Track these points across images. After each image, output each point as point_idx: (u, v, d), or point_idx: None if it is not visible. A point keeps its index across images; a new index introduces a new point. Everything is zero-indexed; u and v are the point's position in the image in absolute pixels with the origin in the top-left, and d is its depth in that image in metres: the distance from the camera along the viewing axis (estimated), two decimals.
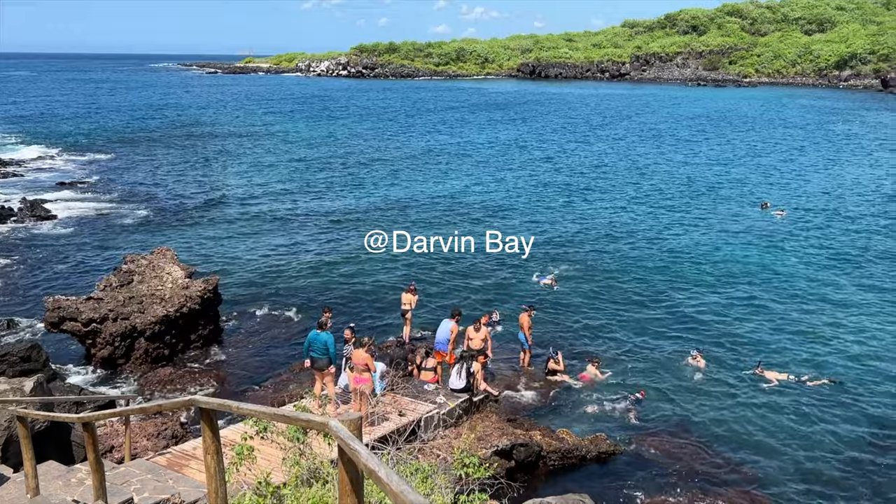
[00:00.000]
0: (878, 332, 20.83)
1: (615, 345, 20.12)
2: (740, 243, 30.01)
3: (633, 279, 25.48)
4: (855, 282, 25.28)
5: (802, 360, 19.09)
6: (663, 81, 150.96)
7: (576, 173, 46.05)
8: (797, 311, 22.46)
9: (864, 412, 16.37)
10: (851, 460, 14.51)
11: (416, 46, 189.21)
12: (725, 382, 17.85)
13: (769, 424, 15.92)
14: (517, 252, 28.26)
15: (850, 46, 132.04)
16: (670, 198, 38.93)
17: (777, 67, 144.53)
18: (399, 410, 14.09)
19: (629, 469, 14.38)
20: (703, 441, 15.28)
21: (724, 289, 24.57)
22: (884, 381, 17.86)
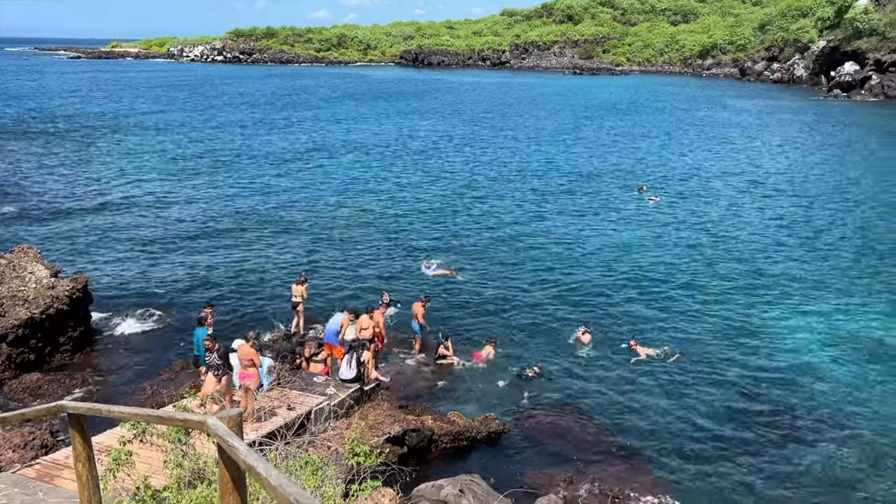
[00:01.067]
0: (740, 311, 22.42)
1: (510, 326, 20.65)
2: (619, 227, 31.35)
3: (522, 264, 26.10)
4: (721, 261, 27.07)
5: (672, 335, 20.27)
6: (542, 69, 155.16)
7: (464, 164, 46.43)
8: (670, 290, 23.79)
9: (722, 383, 17.62)
10: (715, 427, 15.59)
11: (296, 32, 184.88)
12: (607, 357, 18.71)
13: (644, 396, 16.82)
14: (410, 243, 28.29)
15: (711, 37, 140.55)
16: (554, 185, 40.05)
17: (647, 56, 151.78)
18: (288, 404, 13.84)
19: (518, 446, 14.82)
20: (587, 414, 15.95)
21: (607, 269, 25.65)
22: (743, 356, 19.28)
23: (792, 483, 13.54)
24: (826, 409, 16.23)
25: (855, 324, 20.84)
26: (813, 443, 14.88)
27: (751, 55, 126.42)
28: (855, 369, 18.11)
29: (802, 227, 31.36)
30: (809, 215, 33.25)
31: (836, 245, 28.65)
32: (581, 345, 19.30)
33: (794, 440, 14.97)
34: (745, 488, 13.36)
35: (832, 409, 16.23)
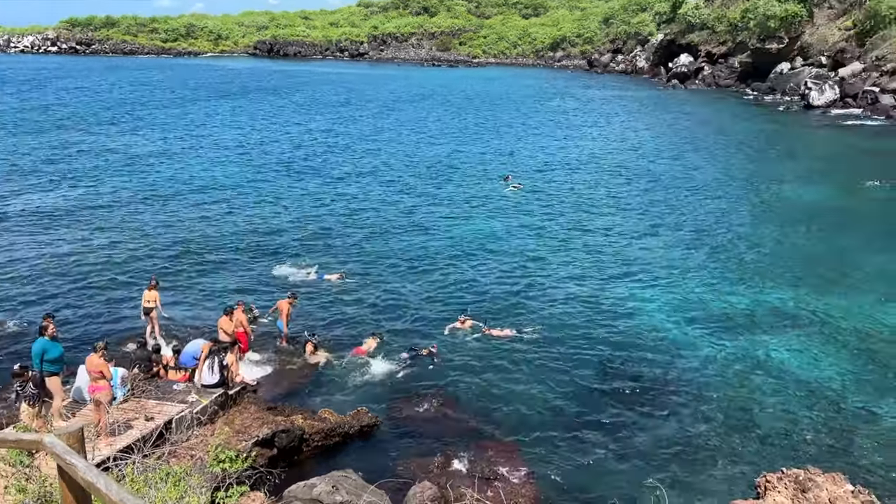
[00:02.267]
0: (598, 291, 23.61)
1: (391, 320, 20.59)
2: (488, 216, 31.95)
3: (398, 259, 25.96)
4: (580, 244, 28.37)
5: (537, 317, 21.04)
6: (401, 61, 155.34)
7: (330, 162, 45.30)
8: (528, 274, 24.67)
9: (583, 361, 18.54)
10: (578, 403, 16.37)
11: (139, 21, 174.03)
12: (481, 344, 19.09)
13: (513, 379, 17.36)
14: (284, 247, 27.26)
15: (560, 30, 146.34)
16: (422, 178, 39.94)
17: (501, 48, 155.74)
18: (145, 415, 13.09)
19: (392, 437, 14.86)
20: (460, 400, 16.25)
21: (481, 258, 26.13)
22: (601, 334, 20.36)
23: (649, 450, 14.46)
24: (677, 378, 17.44)
25: (699, 297, 22.52)
26: (667, 409, 15.95)
27: (597, 48, 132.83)
28: (700, 339, 19.58)
29: (652, 208, 33.45)
30: (658, 197, 35.51)
31: (680, 225, 30.80)
32: (461, 332, 19.60)
33: (650, 408, 15.99)
34: (608, 457, 14.12)
35: (682, 377, 17.46)
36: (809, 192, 36.43)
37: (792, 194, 36.07)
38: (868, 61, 69.90)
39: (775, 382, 17.17)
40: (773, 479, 9.49)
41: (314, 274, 23.98)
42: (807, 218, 31.52)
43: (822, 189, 36.96)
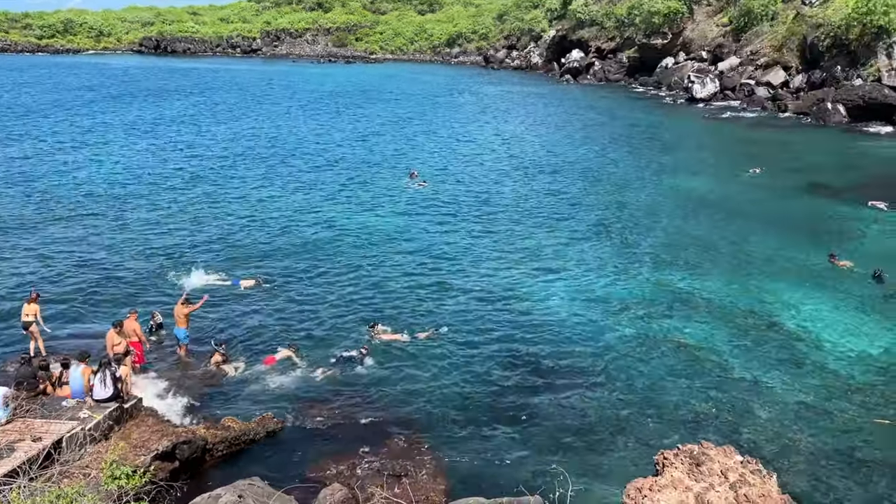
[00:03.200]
0: (502, 282, 24.00)
1: (302, 326, 20.13)
2: (394, 214, 31.81)
3: (309, 262, 25.33)
4: (484, 237, 28.74)
5: (446, 313, 21.19)
6: (296, 57, 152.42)
7: (230, 164, 43.43)
8: (444, 273, 24.80)
9: (487, 352, 18.84)
10: (482, 393, 16.63)
11: (10, 17, 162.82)
12: (388, 344, 18.98)
13: (419, 375, 17.43)
14: (191, 256, 26.01)
15: (456, 26, 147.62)
16: (329, 178, 39.13)
17: (399, 45, 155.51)
18: (32, 435, 12.29)
19: (299, 441, 14.60)
20: (367, 400, 16.15)
21: (392, 257, 25.98)
22: (504, 323, 20.72)
23: (554, 436, 14.85)
24: (579, 364, 17.99)
25: (599, 286, 23.29)
26: (570, 395, 16.42)
27: (492, 44, 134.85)
28: (600, 325, 20.27)
29: (552, 201, 34.29)
30: (557, 190, 36.44)
31: (579, 216, 31.73)
32: (375, 337, 19.41)
33: (554, 395, 16.41)
34: (514, 446, 14.40)
35: (584, 363, 18.03)
36: (697, 181, 38.34)
37: (681, 184, 37.84)
38: (744, 56, 74.19)
39: (671, 363, 17.99)
40: (669, 456, 9.94)
41: (228, 280, 23.21)
42: (695, 206, 33.16)
43: (708, 178, 38.97)
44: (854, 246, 26.86)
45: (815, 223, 29.95)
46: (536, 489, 11.88)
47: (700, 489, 9.25)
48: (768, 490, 9.42)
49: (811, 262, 24.92)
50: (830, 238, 27.70)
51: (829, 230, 28.91)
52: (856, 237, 28.13)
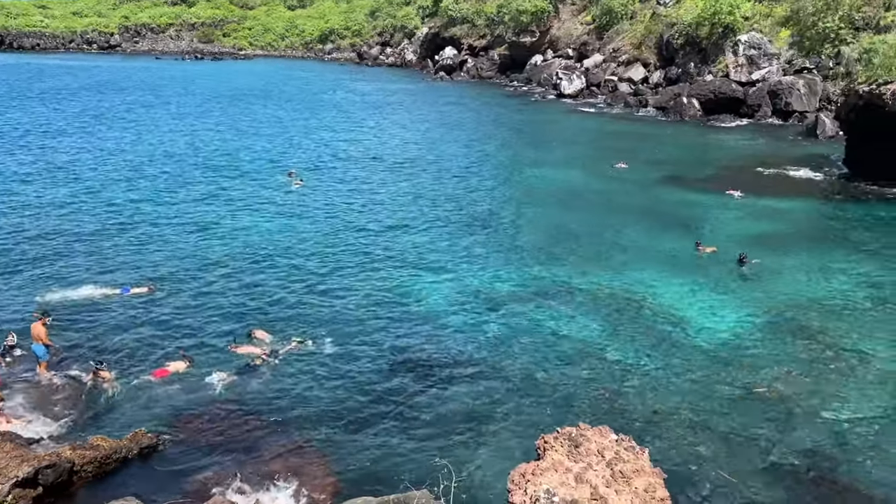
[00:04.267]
0: (383, 284, 23.94)
1: (186, 335, 19.27)
2: (273, 216, 30.96)
3: (189, 267, 24.33)
4: (364, 240, 28.55)
5: (328, 316, 20.90)
6: (160, 53, 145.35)
7: (91, 166, 40.92)
8: (325, 274, 24.42)
9: (372, 354, 18.79)
10: (368, 396, 16.57)
11: None
12: (272, 353, 18.51)
13: (305, 380, 17.14)
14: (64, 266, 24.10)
15: (328, 22, 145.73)
16: (205, 180, 37.47)
17: (269, 41, 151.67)
18: None
19: (178, 456, 13.99)
20: (250, 411, 15.68)
21: (269, 261, 25.28)
22: (390, 326, 20.72)
23: (438, 430, 15.02)
24: (461, 358, 18.27)
25: (478, 280, 23.73)
26: (452, 389, 16.65)
27: (366, 40, 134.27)
28: (480, 319, 20.67)
29: (431, 198, 34.55)
30: (435, 187, 36.76)
31: (458, 213, 32.17)
32: (260, 342, 18.81)
33: (437, 390, 16.59)
34: (400, 443, 14.44)
35: (466, 356, 18.33)
36: (567, 175, 39.84)
37: (553, 178, 39.19)
38: (607, 53, 77.83)
39: (549, 350, 18.63)
40: (550, 440, 10.27)
41: (116, 289, 21.86)
42: (566, 199, 34.44)
43: (578, 172, 40.58)
44: (715, 232, 28.79)
45: (679, 213, 31.86)
46: (423, 484, 11.98)
47: (579, 469, 9.62)
48: (641, 465, 9.93)
49: (678, 250, 26.49)
50: (694, 226, 29.55)
51: (691, 219, 30.83)
52: (716, 224, 30.16)
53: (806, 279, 23.36)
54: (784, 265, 24.60)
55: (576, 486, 9.37)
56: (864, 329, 19.59)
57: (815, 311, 20.80)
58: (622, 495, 9.31)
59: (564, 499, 9.08)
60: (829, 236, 28.40)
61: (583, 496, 9.15)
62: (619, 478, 9.57)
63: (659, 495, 9.57)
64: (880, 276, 23.56)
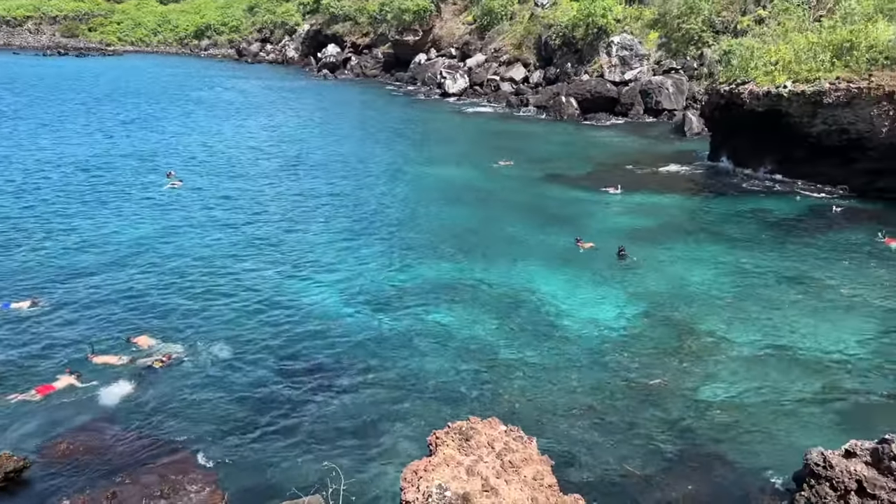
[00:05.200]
0: (270, 285, 23.36)
1: (77, 347, 18.06)
2: (153, 218, 29.49)
3: (70, 276, 22.84)
4: (247, 239, 27.71)
5: (214, 322, 20.16)
6: (17, 49, 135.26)
7: None
8: (210, 279, 23.51)
9: (260, 359, 18.31)
10: (256, 402, 16.13)
11: None
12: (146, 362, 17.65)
13: (187, 390, 16.47)
14: None
15: (204, 18, 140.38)
16: (75, 182, 35.14)
17: (140, 36, 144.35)
18: None
19: (50, 477, 13.16)
20: (125, 425, 14.94)
21: (154, 265, 24.12)
22: (280, 328, 20.24)
23: (329, 433, 14.84)
24: (353, 358, 18.13)
25: (369, 279, 23.59)
26: (344, 391, 16.49)
27: (245, 37, 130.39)
28: (372, 317, 20.57)
29: (317, 198, 34.00)
30: (322, 187, 36.20)
31: (345, 212, 31.84)
32: (137, 350, 17.87)
33: (328, 393, 16.39)
34: (289, 449, 14.15)
35: (358, 357, 18.20)
36: (453, 173, 40.29)
37: (439, 176, 39.54)
38: (488, 53, 79.32)
39: (439, 347, 18.80)
40: (441, 435, 10.38)
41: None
42: (452, 198, 34.83)
43: (464, 170, 41.12)
44: (595, 228, 29.91)
45: (561, 209, 32.90)
46: (311, 489, 11.81)
47: (470, 462, 9.78)
48: (530, 454, 10.22)
49: (560, 245, 27.34)
50: (574, 222, 30.60)
51: (572, 215, 31.92)
52: (596, 219, 31.35)
53: (680, 270, 24.74)
54: (659, 257, 25.95)
55: (467, 479, 9.51)
56: (732, 315, 20.97)
57: (688, 301, 22.07)
58: (512, 485, 9.54)
59: (456, 492, 9.20)
60: (699, 228, 30.22)
61: (474, 488, 9.31)
62: (509, 468, 9.80)
63: (547, 482, 9.88)
64: (744, 263, 25.30)
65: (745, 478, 13.61)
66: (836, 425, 15.29)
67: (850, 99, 33.43)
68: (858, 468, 12.05)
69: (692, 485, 13.40)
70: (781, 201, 33.57)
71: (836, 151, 34.99)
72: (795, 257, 25.60)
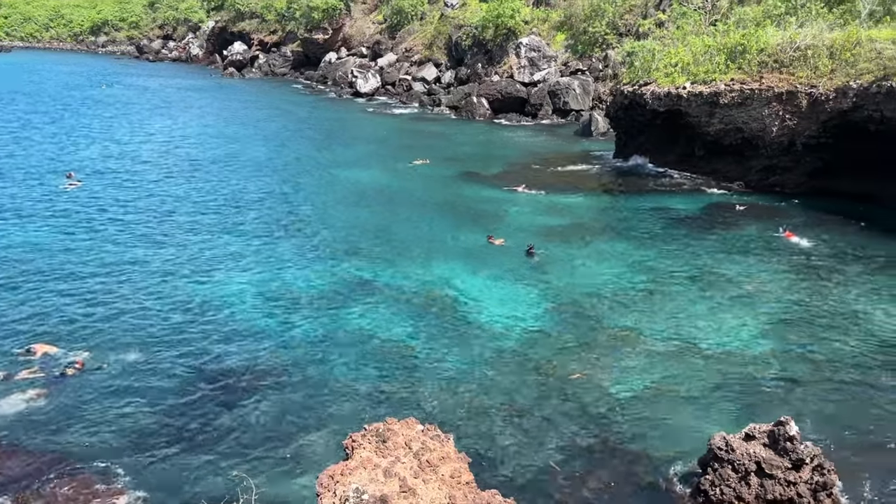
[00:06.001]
0: (176, 290, 22.51)
1: None
2: (49, 223, 27.89)
3: None
4: (153, 242, 26.61)
5: (121, 330, 19.24)
6: None
7: None
8: (115, 285, 22.42)
9: (167, 366, 17.61)
10: (164, 410, 15.51)
11: None
12: (50, 373, 16.65)
13: (96, 401, 15.66)
14: None
15: (101, 13, 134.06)
16: None
17: (30, 31, 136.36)
18: None
19: None
20: (22, 440, 14.01)
21: (52, 272, 22.73)
22: (189, 334, 19.52)
23: (243, 441, 14.40)
24: (267, 364, 17.69)
25: (283, 282, 23.08)
26: (258, 397, 16.06)
27: (146, 33, 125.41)
28: (287, 321, 20.13)
29: (227, 200, 33.01)
30: (232, 188, 35.16)
31: (257, 214, 31.05)
32: (27, 362, 16.83)
33: (243, 399, 15.93)
34: (201, 458, 13.66)
35: (272, 362, 17.78)
36: (368, 173, 39.99)
37: (353, 176, 39.15)
38: (400, 52, 79.21)
39: (356, 349, 18.60)
40: (358, 438, 10.24)
41: None
42: (367, 197, 34.58)
43: (378, 170, 40.89)
44: (506, 226, 30.30)
45: (474, 207, 33.17)
46: (222, 501, 11.43)
47: (387, 464, 9.69)
48: (447, 452, 10.22)
49: (473, 244, 27.55)
50: (486, 220, 30.90)
51: (484, 213, 32.23)
52: (507, 217, 31.76)
53: (589, 267, 25.38)
54: (567, 254, 26.55)
55: (385, 480, 9.41)
56: (641, 310, 21.68)
57: (598, 297, 22.66)
58: (429, 484, 9.51)
59: (374, 495, 9.09)
60: (606, 226, 31.11)
61: (392, 490, 9.22)
62: (427, 467, 9.77)
63: (464, 479, 9.90)
64: (651, 259, 26.21)
65: (657, 466, 14.08)
66: (739, 411, 16.04)
67: (743, 99, 35.21)
68: (757, 450, 12.67)
69: (607, 475, 13.76)
70: (685, 199, 35.00)
71: (732, 150, 36.78)
72: (700, 253, 26.72)
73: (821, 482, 12.34)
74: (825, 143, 33.98)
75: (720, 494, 12.50)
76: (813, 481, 12.36)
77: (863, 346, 19.05)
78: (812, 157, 34.67)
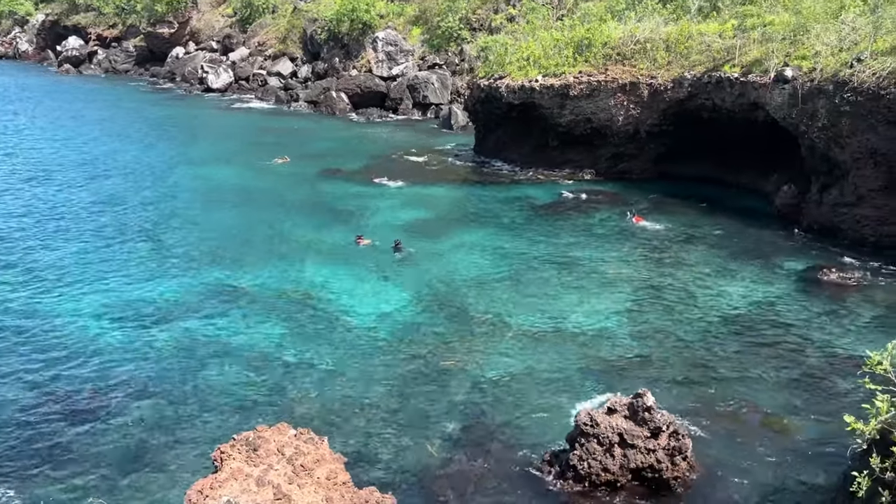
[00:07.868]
0: (19, 306, 20.72)
1: None
2: None
3: None
4: None
5: None
6: None
7: None
8: None
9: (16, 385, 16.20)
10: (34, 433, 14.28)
11: None
12: None
13: None
14: None
15: None
16: None
17: None
18: None
19: None
20: None
21: None
22: (27, 350, 18.02)
23: (94, 462, 13.49)
24: (116, 379, 16.62)
25: (133, 292, 21.75)
26: (109, 415, 15.08)
27: None
28: (138, 333, 19.00)
29: (64, 204, 30.67)
30: (74, 195, 32.66)
31: (104, 220, 29.05)
32: None
33: (91, 419, 14.88)
34: (48, 487, 12.67)
35: (121, 377, 16.73)
36: (225, 173, 38.47)
37: (209, 177, 37.54)
38: (252, 46, 76.67)
39: (222, 357, 17.87)
40: (226, 449, 9.85)
41: None
42: (226, 198, 33.28)
43: (237, 170, 39.43)
44: (372, 222, 30.10)
45: (339, 205, 32.69)
46: None
47: (260, 472, 9.39)
48: (322, 454, 10.04)
49: (340, 243, 27.17)
50: (351, 218, 30.56)
51: (349, 210, 31.87)
52: (372, 214, 31.54)
53: (455, 259, 25.76)
54: (434, 247, 26.85)
55: (258, 490, 9.12)
56: (507, 298, 22.27)
57: (464, 286, 23.08)
58: (305, 488, 9.32)
59: None
60: (469, 218, 31.71)
61: (265, 498, 8.96)
62: (301, 471, 9.56)
63: (341, 479, 9.79)
64: (513, 248, 27.01)
65: (531, 447, 14.55)
66: (602, 386, 16.89)
67: (591, 91, 36.99)
68: (619, 422, 13.40)
69: (483, 461, 14.05)
70: (542, 188, 36.32)
71: (583, 140, 38.57)
72: (559, 240, 27.84)
73: (676, 447, 13.23)
74: (666, 131, 36.39)
75: (588, 468, 13.11)
76: (670, 447, 13.23)
77: (707, 319, 20.63)
78: (655, 144, 37.04)
